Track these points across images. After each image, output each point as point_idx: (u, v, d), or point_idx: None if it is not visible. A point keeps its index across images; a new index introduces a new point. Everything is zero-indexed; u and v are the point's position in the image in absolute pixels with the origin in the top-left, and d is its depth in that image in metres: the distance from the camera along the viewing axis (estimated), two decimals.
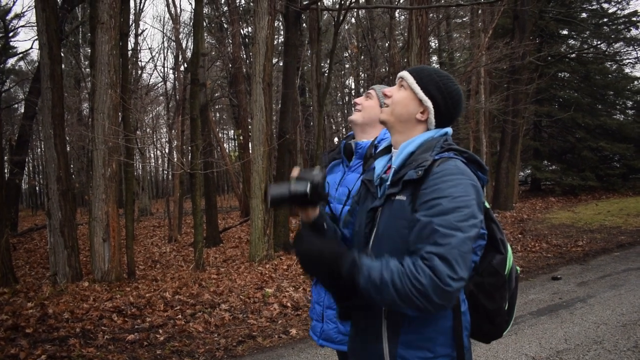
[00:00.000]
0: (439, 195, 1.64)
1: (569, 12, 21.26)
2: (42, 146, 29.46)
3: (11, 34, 22.77)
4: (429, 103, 1.86)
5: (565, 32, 23.94)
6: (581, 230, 13.19)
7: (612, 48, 23.70)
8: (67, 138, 17.10)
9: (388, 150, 2.01)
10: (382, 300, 1.61)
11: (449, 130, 1.91)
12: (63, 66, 12.50)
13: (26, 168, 28.68)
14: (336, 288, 1.80)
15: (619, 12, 22.98)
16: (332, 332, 2.54)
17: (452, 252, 1.55)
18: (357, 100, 2.71)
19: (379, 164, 1.98)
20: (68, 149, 16.88)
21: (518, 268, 1.98)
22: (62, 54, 13.52)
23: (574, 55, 22.97)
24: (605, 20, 23.25)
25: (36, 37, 15.38)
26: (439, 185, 1.65)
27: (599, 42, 23.52)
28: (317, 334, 2.64)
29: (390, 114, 1.92)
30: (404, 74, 1.93)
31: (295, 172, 1.91)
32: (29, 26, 33.86)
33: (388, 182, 1.85)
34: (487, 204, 1.84)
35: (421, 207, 1.66)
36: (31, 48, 43.40)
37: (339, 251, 1.71)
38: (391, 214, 1.78)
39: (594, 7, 23.19)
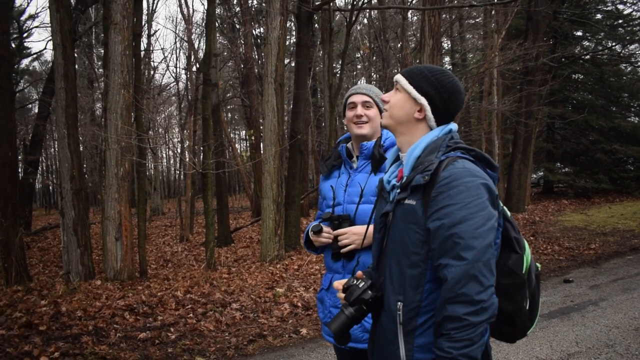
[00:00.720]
0: (450, 202, 1.64)
1: (583, 13, 21.05)
2: (56, 146, 29.65)
3: (25, 34, 23.03)
4: (422, 100, 1.88)
5: (579, 33, 23.70)
6: (594, 233, 13.09)
7: (627, 50, 23.46)
8: (81, 138, 17.18)
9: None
10: (478, 355, 1.60)
11: (454, 127, 1.90)
12: (76, 66, 12.60)
13: (40, 167, 28.91)
14: None
15: (634, 13, 22.77)
16: (358, 333, 2.53)
17: (476, 266, 1.58)
18: (360, 112, 2.65)
19: (390, 170, 2.00)
20: (81, 148, 16.98)
21: (539, 265, 1.94)
22: (76, 55, 13.64)
23: (588, 56, 22.73)
24: (620, 21, 22.99)
25: (50, 37, 15.51)
26: (449, 192, 1.66)
27: (613, 44, 23.29)
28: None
29: (390, 118, 1.95)
30: (397, 76, 1.96)
31: (339, 286, 2.02)
32: (43, 27, 34.21)
33: (398, 188, 1.87)
34: (500, 203, 1.81)
35: (434, 215, 1.67)
36: (45, 49, 43.69)
37: None
38: (402, 219, 1.80)
39: (609, 8, 22.96)
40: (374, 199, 2.47)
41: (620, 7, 22.89)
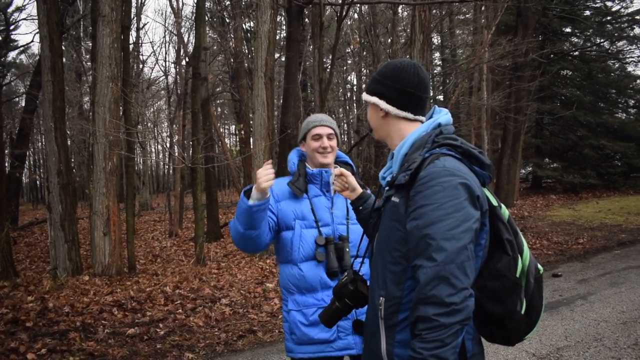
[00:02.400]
0: (425, 202, 1.63)
1: (572, 10, 21.17)
2: (43, 140, 29.47)
3: (12, 27, 22.75)
4: (373, 99, 1.95)
5: (568, 29, 23.82)
6: (582, 228, 13.18)
7: (615, 46, 23.60)
8: (68, 132, 17.07)
9: None
10: (449, 357, 1.55)
11: (443, 120, 1.87)
12: (64, 59, 12.47)
13: (27, 162, 28.67)
14: None
15: (622, 10, 22.86)
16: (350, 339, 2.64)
17: (448, 268, 1.54)
18: (326, 143, 2.80)
19: (386, 166, 2.02)
20: (69, 142, 16.86)
21: (541, 268, 1.85)
22: (63, 47, 13.49)
23: (576, 53, 22.87)
24: (608, 18, 23.12)
25: (37, 30, 15.35)
26: (425, 192, 1.64)
27: (602, 40, 23.42)
28: (358, 346, 2.62)
29: (374, 131, 2.03)
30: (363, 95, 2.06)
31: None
32: (30, 19, 33.83)
33: (387, 185, 1.89)
34: (494, 202, 1.77)
35: (411, 215, 1.66)
36: (32, 41, 43.33)
37: None
38: (388, 216, 1.81)
39: (597, 5, 23.05)
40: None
41: (609, 3, 23.01)
